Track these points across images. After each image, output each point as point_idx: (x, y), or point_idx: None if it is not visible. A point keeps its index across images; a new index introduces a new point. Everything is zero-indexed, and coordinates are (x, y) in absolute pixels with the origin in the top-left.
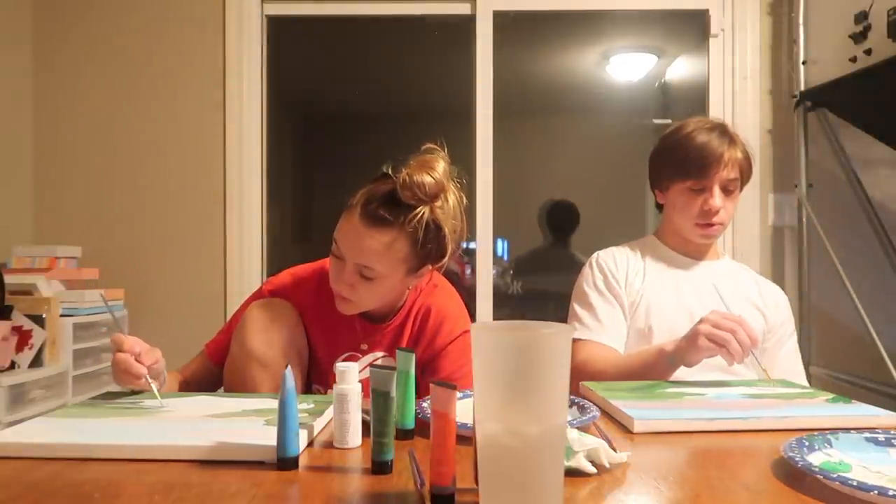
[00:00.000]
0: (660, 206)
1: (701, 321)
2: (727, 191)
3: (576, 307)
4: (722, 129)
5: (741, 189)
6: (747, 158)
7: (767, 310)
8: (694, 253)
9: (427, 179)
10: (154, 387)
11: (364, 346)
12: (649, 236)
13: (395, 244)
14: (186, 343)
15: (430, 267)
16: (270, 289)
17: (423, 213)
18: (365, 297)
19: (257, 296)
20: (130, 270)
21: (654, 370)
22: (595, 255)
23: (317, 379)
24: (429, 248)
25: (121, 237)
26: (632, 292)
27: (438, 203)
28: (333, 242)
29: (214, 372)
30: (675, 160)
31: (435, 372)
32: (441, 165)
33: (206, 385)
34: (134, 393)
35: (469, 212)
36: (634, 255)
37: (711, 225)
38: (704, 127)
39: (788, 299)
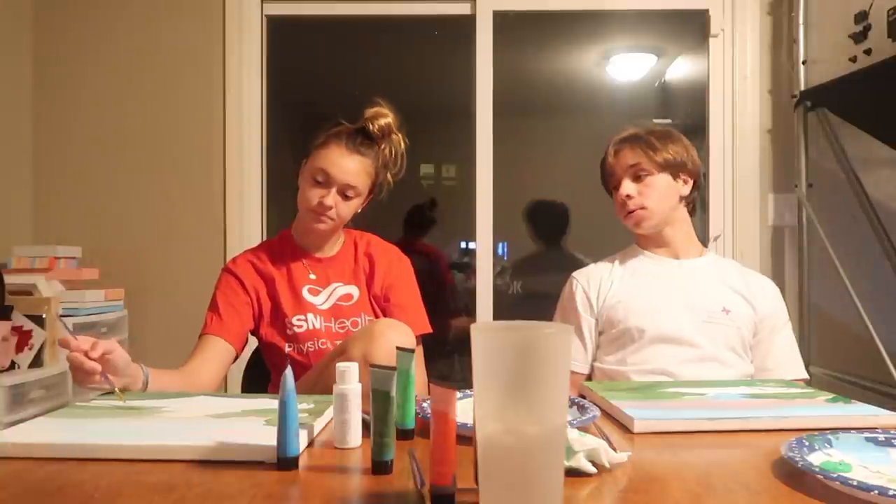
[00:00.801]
0: None
1: None
2: (637, 177)
3: None
4: (623, 135)
5: (673, 174)
6: (647, 145)
7: (756, 300)
8: (672, 253)
9: (387, 119)
10: (112, 383)
11: (312, 277)
12: (631, 247)
13: (370, 168)
14: (186, 343)
15: (371, 195)
16: (235, 266)
17: (385, 144)
18: (343, 213)
19: (224, 277)
20: (130, 270)
21: None
22: (573, 274)
23: (291, 311)
24: (383, 174)
25: (121, 237)
26: (608, 299)
27: (393, 140)
28: (318, 171)
29: (229, 350)
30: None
31: (394, 295)
32: (389, 113)
33: (217, 365)
34: (106, 394)
35: (468, 212)
36: (612, 265)
37: (631, 212)
38: (615, 137)
39: (789, 295)
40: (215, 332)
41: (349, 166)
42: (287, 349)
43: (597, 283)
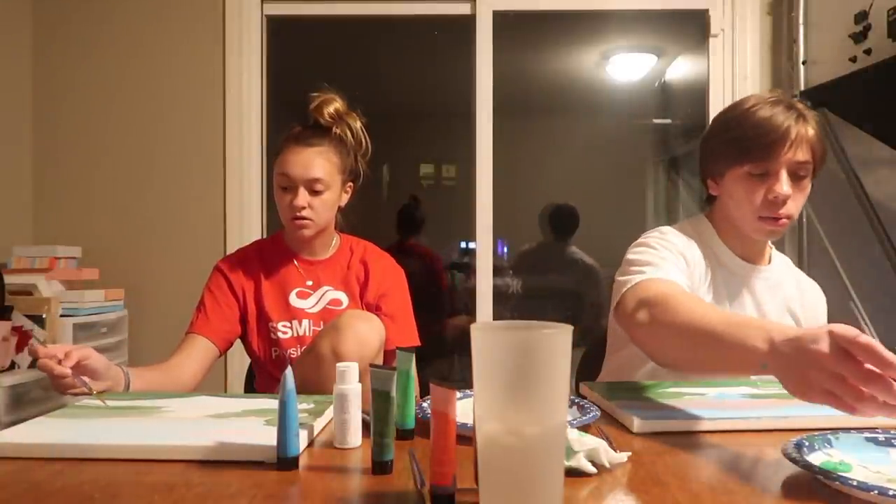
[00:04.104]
0: (710, 199)
1: (818, 357)
2: (797, 176)
3: (630, 256)
4: (789, 104)
5: (814, 177)
6: (821, 138)
7: (806, 313)
8: (751, 256)
9: (334, 104)
10: (90, 386)
11: (310, 283)
12: (704, 223)
13: (329, 154)
14: None
15: (352, 185)
16: (225, 265)
17: (339, 128)
18: (319, 210)
19: (214, 276)
20: (130, 270)
21: (732, 363)
22: (661, 228)
23: (278, 317)
24: (350, 159)
25: (121, 237)
26: (694, 287)
27: (348, 122)
28: (280, 178)
29: (212, 349)
30: (731, 140)
31: (385, 305)
32: (336, 97)
33: (199, 363)
34: (91, 395)
35: (468, 211)
36: (697, 249)
37: (778, 218)
38: (767, 101)
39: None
40: (200, 332)
41: (306, 160)
42: (273, 354)
43: (691, 255)
